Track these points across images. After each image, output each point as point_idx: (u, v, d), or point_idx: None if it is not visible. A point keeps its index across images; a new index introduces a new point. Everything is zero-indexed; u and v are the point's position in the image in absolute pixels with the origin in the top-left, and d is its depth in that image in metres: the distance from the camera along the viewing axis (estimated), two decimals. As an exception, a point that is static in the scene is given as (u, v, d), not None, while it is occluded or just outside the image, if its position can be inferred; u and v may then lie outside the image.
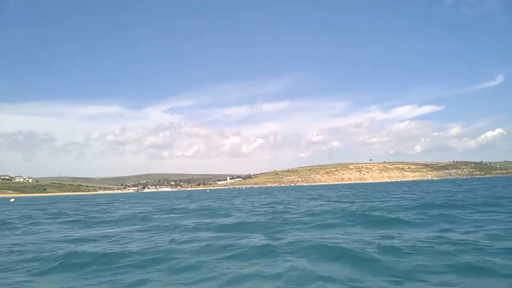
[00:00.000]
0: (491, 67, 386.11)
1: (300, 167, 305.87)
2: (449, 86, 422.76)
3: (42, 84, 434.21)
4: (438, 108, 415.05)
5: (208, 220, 16.60)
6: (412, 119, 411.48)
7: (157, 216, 20.80)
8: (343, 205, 22.62)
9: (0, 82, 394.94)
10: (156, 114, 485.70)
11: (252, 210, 22.87)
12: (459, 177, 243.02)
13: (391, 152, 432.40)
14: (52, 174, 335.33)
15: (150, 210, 26.33)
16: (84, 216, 22.54)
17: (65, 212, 27.80)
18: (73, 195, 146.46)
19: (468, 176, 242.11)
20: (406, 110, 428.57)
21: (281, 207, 24.01)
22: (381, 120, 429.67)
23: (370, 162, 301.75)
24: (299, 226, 13.40)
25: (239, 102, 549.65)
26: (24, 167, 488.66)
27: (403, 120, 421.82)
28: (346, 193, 45.77)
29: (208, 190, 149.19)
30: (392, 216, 14.87)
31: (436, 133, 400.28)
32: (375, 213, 16.09)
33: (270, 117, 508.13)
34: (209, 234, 12.26)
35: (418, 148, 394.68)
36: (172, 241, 10.94)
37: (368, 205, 21.65)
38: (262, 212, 20.40)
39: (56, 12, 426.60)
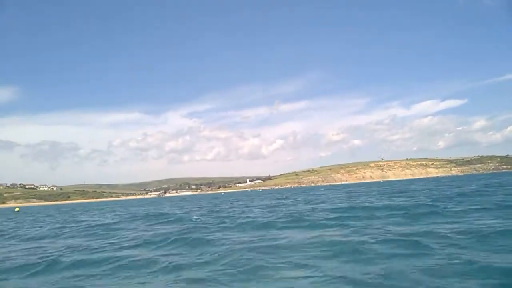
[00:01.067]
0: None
1: (320, 167, 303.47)
2: (472, 79, 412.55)
3: (64, 93, 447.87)
4: (461, 102, 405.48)
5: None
6: (435, 114, 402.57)
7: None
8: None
9: (22, 94, 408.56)
10: (176, 119, 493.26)
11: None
12: (485, 172, 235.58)
13: (414, 148, 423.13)
14: (77, 182, 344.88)
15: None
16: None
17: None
18: (86, 202, 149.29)
19: (494, 171, 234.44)
20: (428, 105, 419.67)
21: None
22: (403, 116, 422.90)
23: (382, 160, 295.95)
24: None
25: (257, 103, 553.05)
26: (50, 176, 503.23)
27: (425, 116, 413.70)
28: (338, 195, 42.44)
29: (223, 193, 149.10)
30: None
31: (460, 128, 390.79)
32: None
33: (289, 118, 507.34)
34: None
35: (441, 143, 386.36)
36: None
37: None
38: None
39: (75, 18, 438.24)
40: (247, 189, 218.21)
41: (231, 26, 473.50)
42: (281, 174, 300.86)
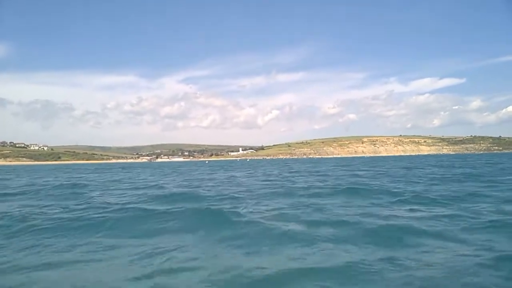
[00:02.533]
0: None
1: (314, 139, 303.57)
2: (472, 59, 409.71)
3: (59, 53, 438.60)
4: (459, 81, 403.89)
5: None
6: (432, 91, 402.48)
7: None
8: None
9: (16, 51, 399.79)
10: (172, 84, 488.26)
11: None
12: (476, 152, 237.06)
13: (409, 125, 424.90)
14: (69, 142, 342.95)
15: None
16: None
17: None
18: (75, 164, 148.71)
19: (486, 151, 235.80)
20: (426, 82, 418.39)
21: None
22: (400, 92, 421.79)
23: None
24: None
25: (254, 72, 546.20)
26: (42, 136, 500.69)
27: (423, 93, 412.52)
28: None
29: (207, 162, 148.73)
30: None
31: (456, 107, 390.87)
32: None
33: (286, 89, 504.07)
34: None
35: (436, 122, 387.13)
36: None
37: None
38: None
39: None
40: (238, 158, 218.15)
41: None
42: (274, 145, 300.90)
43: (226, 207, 10.73)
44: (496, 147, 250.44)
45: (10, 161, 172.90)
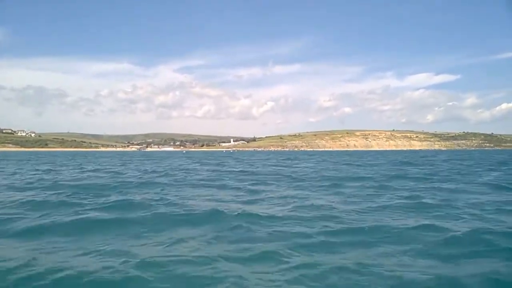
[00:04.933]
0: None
1: (307, 132, 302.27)
2: (468, 55, 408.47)
3: (53, 39, 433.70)
4: (455, 77, 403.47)
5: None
6: (428, 87, 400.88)
7: None
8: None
9: (10, 37, 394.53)
10: (167, 72, 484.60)
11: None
12: (468, 148, 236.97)
13: (403, 120, 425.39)
14: (61, 130, 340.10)
15: None
16: None
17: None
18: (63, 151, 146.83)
19: (477, 148, 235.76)
20: (422, 78, 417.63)
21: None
22: (395, 87, 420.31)
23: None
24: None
25: (251, 63, 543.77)
26: (33, 123, 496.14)
27: (418, 88, 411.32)
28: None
29: (184, 152, 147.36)
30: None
31: (450, 103, 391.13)
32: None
33: (282, 80, 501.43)
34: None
35: (430, 117, 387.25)
36: None
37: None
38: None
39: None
40: (226, 149, 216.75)
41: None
42: (266, 137, 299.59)
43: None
44: (488, 144, 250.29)
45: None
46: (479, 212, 9.16)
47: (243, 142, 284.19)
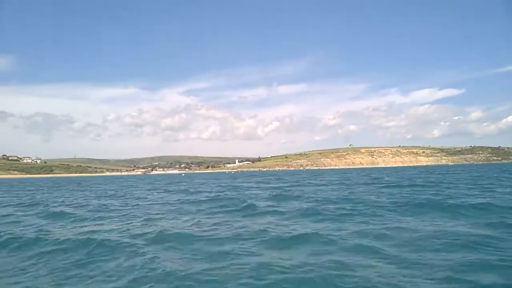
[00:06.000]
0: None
1: (312, 150, 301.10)
2: (471, 69, 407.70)
3: (61, 66, 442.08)
4: (459, 92, 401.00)
5: None
6: (432, 102, 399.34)
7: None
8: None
9: (19, 64, 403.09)
10: (173, 96, 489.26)
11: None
12: (475, 162, 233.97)
13: (409, 136, 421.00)
14: (68, 155, 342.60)
15: None
16: None
17: None
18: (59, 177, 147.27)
19: (484, 162, 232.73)
20: (426, 93, 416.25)
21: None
22: (400, 103, 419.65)
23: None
24: None
25: (255, 84, 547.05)
26: (41, 149, 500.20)
27: (423, 104, 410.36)
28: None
29: (183, 174, 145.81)
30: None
31: (456, 117, 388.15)
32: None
33: (287, 100, 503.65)
34: None
35: (436, 132, 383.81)
36: None
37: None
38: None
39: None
40: (228, 171, 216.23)
41: (232, 6, 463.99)
42: (271, 156, 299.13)
43: None
44: (495, 157, 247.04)
45: (1, 175, 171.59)
46: None
47: (248, 162, 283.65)
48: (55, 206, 17.57)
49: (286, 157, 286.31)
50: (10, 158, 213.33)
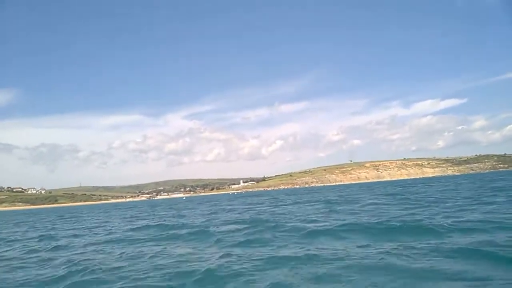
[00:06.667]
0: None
1: (317, 167, 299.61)
2: (472, 78, 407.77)
3: (63, 96, 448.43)
4: (461, 101, 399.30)
5: None
6: (435, 113, 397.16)
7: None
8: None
9: (22, 96, 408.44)
10: (176, 120, 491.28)
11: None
12: (481, 171, 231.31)
13: (414, 148, 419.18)
14: (73, 184, 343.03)
15: None
16: None
17: None
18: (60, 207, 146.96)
19: (491, 170, 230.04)
20: (428, 105, 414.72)
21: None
22: (402, 115, 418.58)
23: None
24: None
25: (257, 104, 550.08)
26: (46, 179, 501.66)
27: (425, 115, 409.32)
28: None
29: (184, 198, 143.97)
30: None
31: (459, 127, 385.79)
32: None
33: (289, 118, 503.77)
34: None
35: (441, 143, 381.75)
36: None
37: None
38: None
39: (73, 18, 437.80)
40: (239, 191, 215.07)
41: (230, 27, 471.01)
42: (276, 175, 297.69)
43: None
44: (502, 165, 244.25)
45: (5, 207, 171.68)
46: None
47: (253, 182, 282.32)
48: None
49: (291, 175, 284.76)
50: (14, 190, 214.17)
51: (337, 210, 19.65)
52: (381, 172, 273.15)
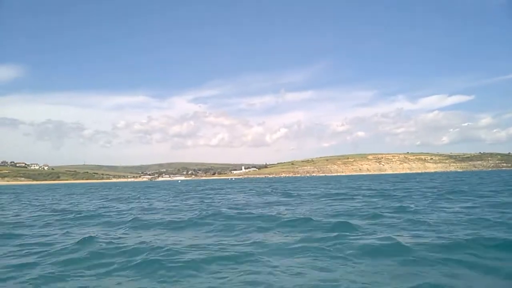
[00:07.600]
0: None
1: (319, 157, 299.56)
2: (480, 76, 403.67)
3: (70, 74, 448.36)
4: (469, 98, 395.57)
5: None
6: (441, 109, 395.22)
7: None
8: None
9: (29, 72, 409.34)
10: (182, 103, 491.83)
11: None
12: (484, 169, 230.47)
13: (418, 142, 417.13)
14: (78, 162, 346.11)
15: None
16: None
17: None
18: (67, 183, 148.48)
19: (494, 168, 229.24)
20: (435, 100, 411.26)
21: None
22: (408, 109, 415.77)
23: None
24: None
25: (263, 91, 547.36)
26: (50, 156, 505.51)
27: (432, 110, 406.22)
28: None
29: (179, 181, 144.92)
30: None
31: (465, 124, 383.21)
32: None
33: (294, 107, 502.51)
34: None
35: (445, 139, 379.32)
36: None
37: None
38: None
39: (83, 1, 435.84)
40: (240, 177, 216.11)
41: (239, 14, 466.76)
42: (278, 163, 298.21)
43: None
44: (505, 164, 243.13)
45: (8, 181, 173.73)
46: None
47: (254, 169, 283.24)
48: None
49: (293, 164, 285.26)
50: (17, 165, 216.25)
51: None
52: (383, 165, 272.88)
